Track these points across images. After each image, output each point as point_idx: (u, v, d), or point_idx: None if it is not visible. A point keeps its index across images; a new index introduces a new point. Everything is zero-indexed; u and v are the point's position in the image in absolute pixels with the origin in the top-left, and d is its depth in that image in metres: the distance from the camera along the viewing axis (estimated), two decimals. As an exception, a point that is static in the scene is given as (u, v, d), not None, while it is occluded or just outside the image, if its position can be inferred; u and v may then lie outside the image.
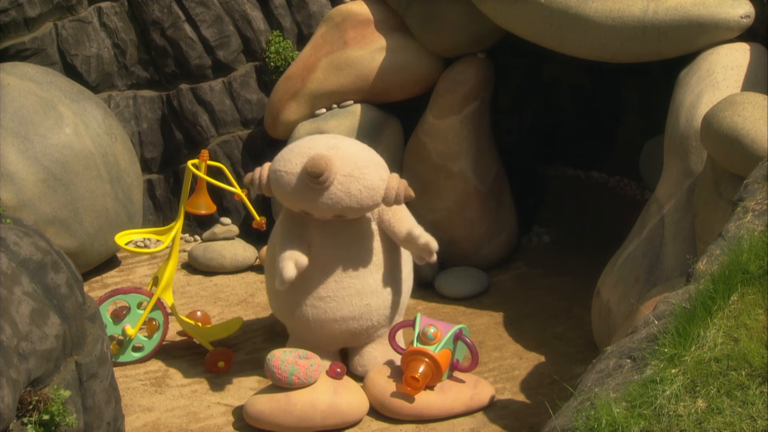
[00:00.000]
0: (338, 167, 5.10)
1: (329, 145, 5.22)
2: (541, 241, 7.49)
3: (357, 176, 5.10)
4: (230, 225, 7.22)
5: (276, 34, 7.40)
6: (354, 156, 5.19)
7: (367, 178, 5.12)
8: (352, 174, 5.10)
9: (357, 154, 5.22)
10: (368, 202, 5.16)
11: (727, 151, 4.65)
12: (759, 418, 2.75)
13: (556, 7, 5.79)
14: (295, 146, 5.28)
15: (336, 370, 5.32)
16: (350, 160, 5.15)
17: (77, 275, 4.21)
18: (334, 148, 5.18)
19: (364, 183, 5.11)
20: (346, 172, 5.09)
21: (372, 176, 5.14)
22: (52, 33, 7.26)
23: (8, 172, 6.33)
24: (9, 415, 3.38)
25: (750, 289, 3.22)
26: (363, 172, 5.12)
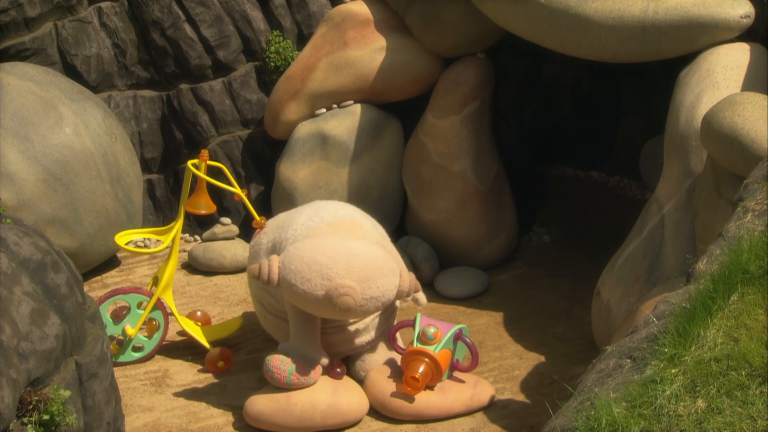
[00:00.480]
0: (361, 292, 5.09)
1: (345, 250, 5.14)
2: (541, 241, 7.49)
3: (377, 296, 5.11)
4: (230, 225, 7.22)
5: (276, 34, 7.40)
6: (372, 268, 5.13)
7: (384, 293, 5.14)
8: (373, 296, 5.10)
9: (374, 262, 5.15)
10: (381, 307, 5.22)
11: (727, 151, 4.65)
12: (759, 418, 2.75)
13: (556, 7, 5.79)
14: (309, 257, 5.11)
15: (336, 370, 5.32)
16: (370, 279, 5.11)
17: (77, 275, 4.21)
18: (351, 256, 5.12)
19: (382, 300, 5.14)
20: (367, 296, 5.09)
21: (387, 287, 5.15)
22: (52, 33, 7.26)
23: (8, 172, 6.33)
24: (9, 415, 3.38)
25: (750, 289, 3.22)
26: (381, 290, 5.13)
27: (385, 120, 7.08)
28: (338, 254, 5.12)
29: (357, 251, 5.17)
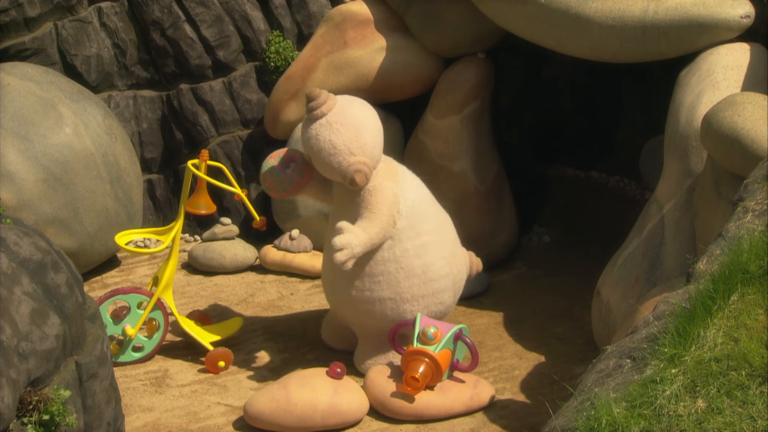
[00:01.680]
0: (329, 109, 5.29)
1: (360, 101, 5.48)
2: (541, 241, 7.49)
3: (333, 128, 5.26)
4: (230, 225, 7.22)
5: (276, 34, 7.40)
6: (349, 116, 5.33)
7: (339, 135, 5.25)
8: (331, 122, 5.28)
9: (352, 118, 5.34)
10: (325, 156, 5.28)
11: (727, 151, 4.65)
12: (759, 418, 2.75)
13: (556, 7, 5.79)
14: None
15: (336, 370, 5.32)
16: (342, 115, 5.31)
17: (77, 275, 4.21)
18: (356, 105, 5.42)
19: (332, 137, 5.25)
20: (329, 119, 5.29)
21: (344, 139, 5.26)
22: (52, 33, 7.26)
23: (8, 172, 6.33)
24: (9, 415, 3.38)
25: (750, 289, 3.22)
26: (340, 129, 5.27)
27: (385, 120, 7.05)
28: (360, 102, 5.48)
29: (367, 111, 5.48)
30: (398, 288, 5.48)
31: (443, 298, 5.63)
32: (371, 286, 5.49)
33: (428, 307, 5.57)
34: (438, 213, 5.70)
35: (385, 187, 5.41)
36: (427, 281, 5.53)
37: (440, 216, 5.71)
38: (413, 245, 5.46)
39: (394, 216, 5.39)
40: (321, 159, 5.33)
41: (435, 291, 5.57)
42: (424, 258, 5.50)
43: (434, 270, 5.54)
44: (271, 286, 6.90)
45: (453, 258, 5.66)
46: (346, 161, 5.26)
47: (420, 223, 5.49)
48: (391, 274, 5.46)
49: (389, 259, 5.44)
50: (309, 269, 6.94)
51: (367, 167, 5.30)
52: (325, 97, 5.33)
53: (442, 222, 5.70)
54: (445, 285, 5.61)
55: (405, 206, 5.45)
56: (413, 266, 5.48)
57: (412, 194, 5.52)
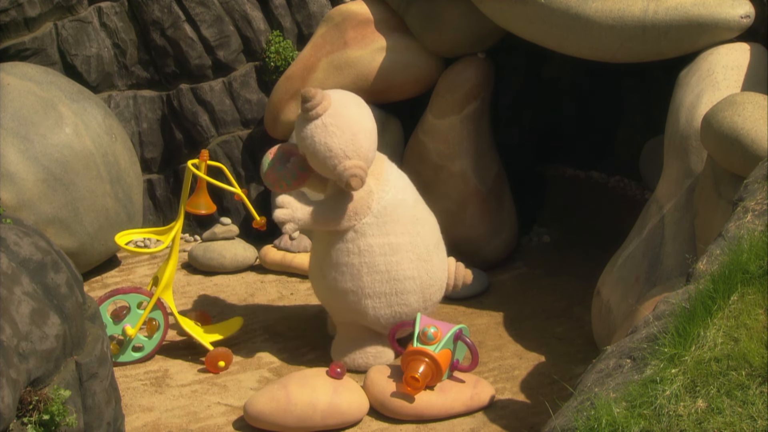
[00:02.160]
0: (324, 110, 5.33)
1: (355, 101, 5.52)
2: (541, 241, 7.49)
3: (329, 130, 5.30)
4: (230, 225, 7.22)
5: (276, 34, 7.40)
6: (345, 118, 5.37)
7: (334, 137, 5.29)
8: (326, 124, 5.31)
9: (348, 120, 5.38)
10: (321, 157, 5.33)
11: (727, 151, 4.65)
12: (759, 418, 2.75)
13: (556, 7, 5.79)
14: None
15: (336, 370, 5.32)
16: (338, 116, 5.35)
17: (77, 275, 4.21)
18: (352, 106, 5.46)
19: (327, 139, 5.29)
20: (325, 120, 5.32)
21: (339, 141, 5.30)
22: (52, 33, 7.26)
23: (8, 172, 6.33)
24: (9, 415, 3.38)
25: (750, 289, 3.22)
26: (336, 132, 5.31)
27: (385, 120, 7.07)
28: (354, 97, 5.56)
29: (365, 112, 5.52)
30: (360, 282, 5.58)
31: (408, 300, 5.66)
32: (336, 276, 5.61)
33: (391, 306, 5.64)
34: (418, 218, 5.71)
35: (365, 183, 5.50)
36: (390, 280, 5.60)
37: (420, 220, 5.72)
38: (378, 243, 5.56)
39: (360, 210, 5.51)
40: (316, 160, 5.39)
41: (398, 291, 5.63)
42: (389, 257, 5.58)
43: (399, 270, 5.60)
44: (271, 286, 6.91)
45: (424, 263, 5.68)
46: (342, 165, 5.31)
47: (391, 224, 5.57)
48: (354, 267, 5.56)
49: (353, 251, 5.55)
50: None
51: (363, 171, 5.35)
52: (321, 98, 5.35)
53: (421, 226, 5.72)
54: (410, 287, 5.64)
55: (378, 205, 5.54)
56: (376, 263, 5.57)
57: (390, 195, 5.59)
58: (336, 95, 5.48)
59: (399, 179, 5.72)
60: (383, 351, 5.79)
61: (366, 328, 5.74)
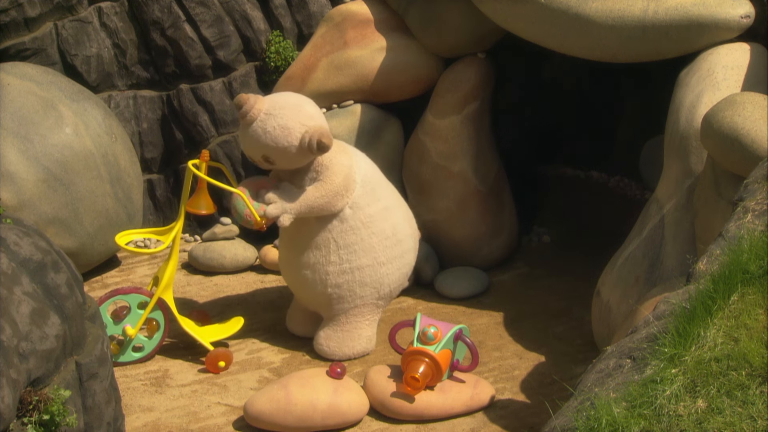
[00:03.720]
0: (262, 106, 5.47)
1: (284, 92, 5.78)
2: (541, 241, 7.49)
3: (275, 114, 5.42)
4: (230, 225, 7.22)
5: (276, 34, 7.40)
6: (282, 100, 5.54)
7: (284, 117, 5.41)
8: (270, 112, 5.43)
9: (287, 99, 5.56)
10: (282, 141, 5.41)
11: (727, 151, 4.65)
12: (759, 418, 2.75)
13: (556, 7, 5.79)
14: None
15: (336, 370, 5.32)
16: (276, 102, 5.50)
17: (77, 275, 4.21)
18: (281, 93, 5.70)
19: (279, 121, 5.40)
20: (266, 111, 5.44)
21: (289, 117, 5.42)
22: (52, 33, 7.26)
23: (8, 172, 6.33)
24: (9, 415, 3.38)
25: (750, 289, 3.22)
26: (282, 112, 5.43)
27: (385, 120, 7.08)
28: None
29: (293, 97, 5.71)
30: (374, 253, 5.72)
31: (409, 259, 5.93)
32: (348, 257, 5.69)
33: (400, 269, 5.85)
34: (385, 179, 5.96)
35: (339, 160, 5.62)
36: (397, 242, 5.80)
37: (384, 178, 5.96)
38: (376, 209, 5.71)
39: (350, 185, 5.62)
40: (280, 148, 5.46)
41: (403, 252, 5.86)
42: (390, 220, 5.77)
43: (401, 230, 5.84)
44: (271, 286, 6.91)
45: (411, 219, 5.98)
46: (306, 134, 5.42)
47: (377, 189, 5.76)
48: (365, 241, 5.68)
49: (357, 226, 5.66)
50: (309, 269, 6.94)
51: (327, 130, 5.50)
52: (254, 100, 5.50)
53: (391, 186, 5.98)
54: (409, 246, 5.91)
55: (359, 175, 5.69)
56: (383, 229, 5.73)
57: (362, 163, 5.77)
58: (270, 95, 5.69)
59: (362, 154, 5.91)
60: (374, 334, 6.00)
61: (360, 313, 5.86)
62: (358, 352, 5.90)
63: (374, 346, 6.00)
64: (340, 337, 5.90)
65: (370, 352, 5.97)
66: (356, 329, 5.89)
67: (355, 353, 5.89)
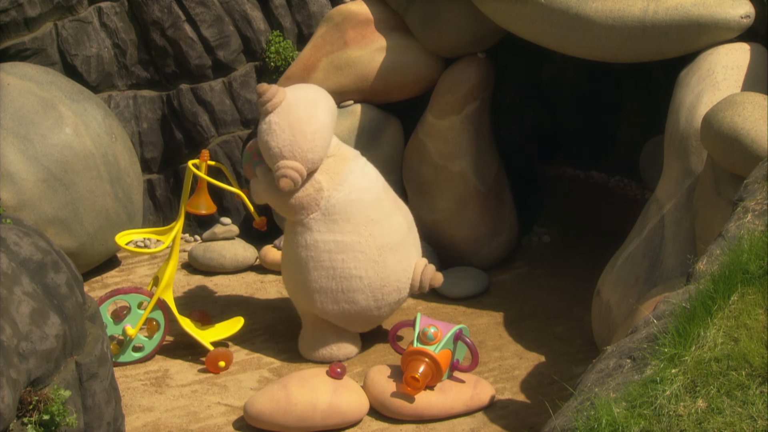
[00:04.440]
0: (278, 107, 5.49)
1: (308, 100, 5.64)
2: (541, 241, 7.49)
3: (273, 130, 5.47)
4: (230, 225, 7.22)
5: (276, 34, 7.40)
6: (295, 121, 5.50)
7: (276, 139, 5.46)
8: (273, 122, 5.48)
9: (299, 121, 5.50)
10: (265, 152, 5.53)
11: (727, 151, 4.65)
12: (759, 418, 2.75)
13: (557, 7, 5.79)
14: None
15: (336, 370, 5.32)
16: (288, 118, 5.49)
17: (77, 275, 4.21)
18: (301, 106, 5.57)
19: (270, 140, 5.47)
20: (273, 119, 5.49)
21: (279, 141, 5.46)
22: (52, 33, 7.26)
23: (8, 172, 6.33)
24: (9, 415, 3.38)
25: (750, 289, 3.22)
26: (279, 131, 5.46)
27: (385, 120, 7.08)
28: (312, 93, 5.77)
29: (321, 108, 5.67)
30: (307, 275, 5.70)
31: (355, 298, 5.71)
32: (289, 267, 5.81)
33: (338, 303, 5.72)
34: (373, 219, 5.69)
35: (315, 179, 5.61)
36: (336, 277, 5.67)
37: (377, 222, 5.70)
38: (324, 239, 5.64)
39: (307, 205, 5.63)
40: (263, 154, 5.62)
41: (345, 289, 5.69)
42: (335, 254, 5.65)
43: (345, 269, 5.66)
44: (271, 286, 6.91)
45: (374, 264, 5.68)
46: (277, 165, 5.48)
47: (339, 223, 5.63)
48: (302, 259, 5.70)
49: (301, 244, 5.70)
50: (309, 269, 6.94)
51: (296, 172, 5.48)
52: (272, 94, 5.50)
53: (375, 227, 5.70)
54: (356, 286, 5.69)
55: (327, 202, 5.62)
56: (321, 258, 5.67)
57: (342, 194, 5.62)
58: (293, 93, 5.61)
59: (361, 179, 5.70)
60: (345, 345, 5.93)
61: (317, 323, 5.88)
62: (324, 356, 5.88)
63: (349, 355, 5.92)
64: (309, 338, 5.95)
65: (342, 359, 5.86)
66: (320, 334, 5.89)
67: (320, 356, 5.89)
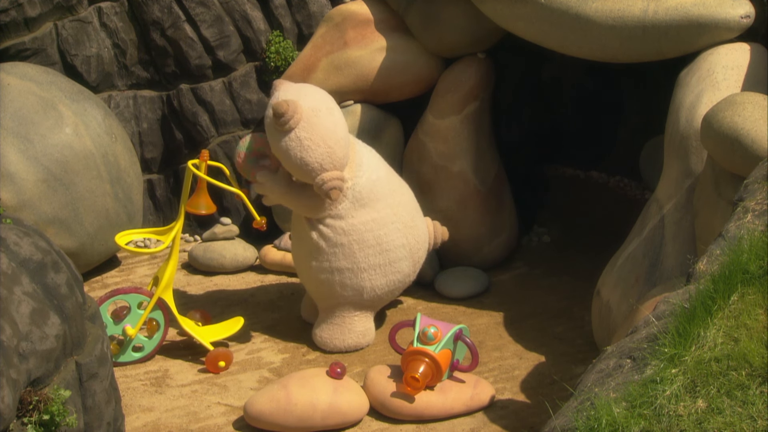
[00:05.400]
0: (301, 122, 5.47)
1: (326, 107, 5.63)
2: (541, 241, 7.49)
3: (306, 145, 5.46)
4: (230, 225, 7.22)
5: (276, 34, 7.40)
6: (324, 132, 5.52)
7: (312, 154, 5.46)
8: (303, 138, 5.46)
9: (328, 133, 5.53)
10: (299, 169, 5.52)
11: (727, 151, 4.65)
12: (759, 418, 2.75)
13: (557, 8, 5.79)
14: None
15: (336, 370, 5.32)
16: (316, 131, 5.50)
17: (77, 275, 4.21)
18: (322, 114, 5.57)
19: (306, 156, 5.46)
20: (302, 134, 5.47)
21: (316, 156, 5.47)
22: (52, 33, 7.26)
23: (8, 172, 6.33)
24: (9, 415, 3.38)
25: (750, 289, 3.22)
26: (313, 146, 5.46)
27: (385, 120, 7.07)
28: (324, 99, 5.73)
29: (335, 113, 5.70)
30: (354, 258, 5.82)
31: (401, 266, 5.97)
32: (329, 258, 5.82)
33: (386, 276, 5.92)
34: (394, 189, 5.99)
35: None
36: (382, 251, 5.86)
37: (397, 191, 6.01)
38: (362, 221, 5.79)
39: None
40: (292, 170, 5.62)
41: (392, 260, 5.90)
42: (377, 231, 5.83)
43: (389, 241, 5.87)
44: (271, 286, 6.91)
45: (410, 229, 5.98)
46: (321, 178, 5.50)
47: (371, 204, 5.81)
48: (345, 246, 5.79)
49: (339, 232, 5.77)
50: (309, 269, 6.94)
51: (341, 181, 5.57)
52: (293, 111, 5.48)
53: (399, 196, 6.00)
54: (402, 254, 5.95)
55: (353, 191, 5.74)
56: (366, 238, 5.81)
57: (364, 179, 5.80)
58: (306, 103, 5.59)
59: (371, 159, 5.93)
60: (370, 329, 6.08)
61: (351, 309, 5.95)
62: (350, 345, 6.01)
63: (370, 341, 6.09)
64: (331, 329, 6.01)
65: (365, 347, 6.05)
66: (347, 323, 6.00)
67: (346, 346, 6.01)
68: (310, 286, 6.07)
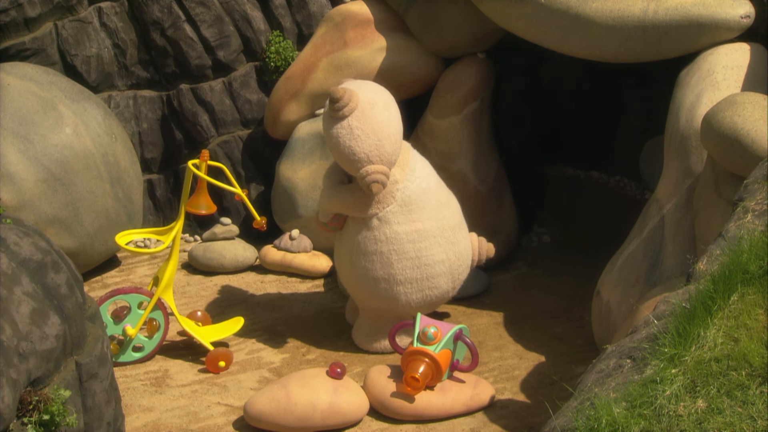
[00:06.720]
0: (355, 111, 5.38)
1: (383, 101, 5.55)
2: (541, 241, 7.49)
3: (356, 135, 5.37)
4: (230, 225, 7.22)
5: (276, 34, 7.40)
6: (376, 125, 5.42)
7: (361, 144, 5.36)
8: (354, 127, 5.37)
9: (380, 125, 5.43)
10: (345, 159, 5.43)
11: (727, 151, 4.65)
12: (759, 418, 2.75)
13: (556, 8, 5.79)
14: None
15: (336, 370, 5.32)
16: (369, 122, 5.40)
17: (77, 275, 4.21)
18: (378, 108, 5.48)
19: (355, 145, 5.36)
20: (354, 123, 5.37)
21: (364, 146, 5.37)
22: (53, 33, 7.26)
23: (8, 172, 6.33)
24: (9, 415, 3.38)
25: (750, 289, 3.22)
26: (363, 136, 5.36)
27: (385, 120, 7.06)
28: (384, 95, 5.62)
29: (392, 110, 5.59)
30: (391, 269, 5.68)
31: (438, 283, 5.79)
32: (366, 264, 5.72)
33: (422, 291, 5.76)
34: (442, 202, 5.83)
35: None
36: (420, 265, 5.71)
37: (445, 204, 5.84)
38: (405, 230, 5.65)
39: (383, 198, 5.61)
40: (339, 158, 5.51)
41: (429, 275, 5.74)
42: (418, 243, 5.68)
43: (429, 255, 5.71)
44: (271, 286, 6.91)
45: (452, 245, 5.81)
46: (365, 170, 5.39)
47: (417, 212, 5.67)
48: (384, 255, 5.67)
49: (380, 239, 5.66)
50: (309, 269, 6.94)
51: (385, 176, 5.44)
52: (348, 98, 5.40)
53: (446, 210, 5.83)
54: (440, 270, 5.77)
55: (402, 194, 5.63)
56: (406, 249, 5.67)
57: (415, 184, 5.67)
58: (364, 94, 5.51)
59: (423, 167, 5.82)
60: (406, 334, 5.92)
61: (379, 316, 5.89)
62: (386, 347, 5.95)
63: (407, 344, 5.84)
64: (367, 331, 5.99)
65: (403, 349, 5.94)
66: (383, 326, 5.90)
67: (382, 348, 5.96)
68: (348, 288, 6.04)
